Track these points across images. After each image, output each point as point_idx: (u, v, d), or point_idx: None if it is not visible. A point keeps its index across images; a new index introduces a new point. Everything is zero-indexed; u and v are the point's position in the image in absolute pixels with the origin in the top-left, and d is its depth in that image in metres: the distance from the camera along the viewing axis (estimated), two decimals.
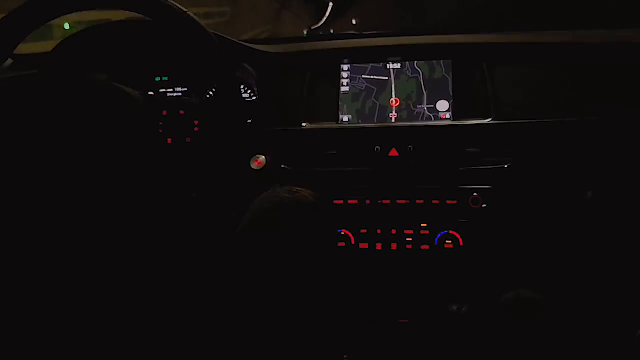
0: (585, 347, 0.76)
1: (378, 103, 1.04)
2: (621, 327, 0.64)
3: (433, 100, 1.02)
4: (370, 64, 1.05)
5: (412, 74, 1.03)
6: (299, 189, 0.81)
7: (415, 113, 1.02)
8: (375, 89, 1.04)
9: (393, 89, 1.04)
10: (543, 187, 0.98)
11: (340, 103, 1.05)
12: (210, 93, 1.11)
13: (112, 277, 0.45)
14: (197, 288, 0.52)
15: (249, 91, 1.10)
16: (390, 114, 1.03)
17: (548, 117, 0.97)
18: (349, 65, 1.06)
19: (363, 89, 1.05)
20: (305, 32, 1.51)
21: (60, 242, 0.46)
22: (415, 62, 1.03)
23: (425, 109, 1.02)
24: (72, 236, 0.46)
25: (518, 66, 0.99)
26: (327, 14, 1.60)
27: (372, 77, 1.05)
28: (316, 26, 1.57)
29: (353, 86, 1.06)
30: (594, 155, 0.95)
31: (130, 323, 0.45)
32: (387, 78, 1.04)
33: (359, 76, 1.06)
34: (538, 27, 1.06)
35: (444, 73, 1.02)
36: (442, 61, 1.02)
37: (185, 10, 0.62)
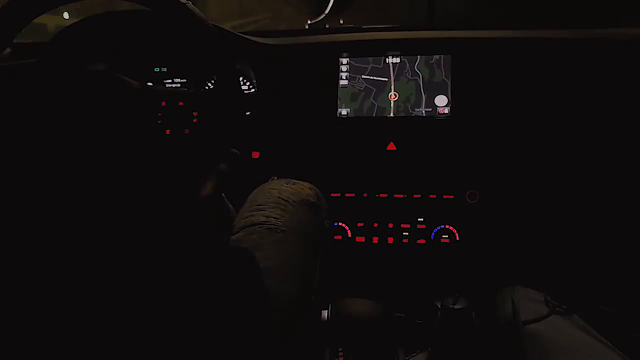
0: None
1: (376, 104, 1.04)
2: (619, 320, 0.65)
3: (431, 103, 1.02)
4: (371, 64, 1.05)
5: (411, 76, 1.03)
6: (297, 180, 0.82)
7: (413, 115, 1.02)
8: (374, 89, 1.04)
9: (392, 90, 1.03)
10: (540, 182, 0.98)
11: (338, 101, 1.05)
12: (209, 84, 1.11)
13: (107, 271, 0.45)
14: (195, 284, 0.52)
15: (248, 83, 1.10)
16: (388, 115, 1.03)
17: (547, 113, 0.97)
18: (349, 61, 1.06)
19: (362, 89, 1.05)
20: (306, 25, 1.50)
21: (55, 231, 0.46)
22: (416, 64, 1.03)
23: (423, 111, 1.02)
24: (68, 226, 0.46)
25: (517, 62, 0.99)
26: (329, 7, 1.59)
27: (371, 77, 1.04)
28: (316, 20, 1.56)
29: (352, 85, 1.05)
30: (591, 151, 0.96)
31: (127, 319, 0.45)
32: (386, 79, 1.04)
33: (358, 76, 1.05)
34: (537, 24, 1.06)
35: (443, 77, 1.02)
36: (442, 64, 1.02)
37: (185, 1, 0.62)
